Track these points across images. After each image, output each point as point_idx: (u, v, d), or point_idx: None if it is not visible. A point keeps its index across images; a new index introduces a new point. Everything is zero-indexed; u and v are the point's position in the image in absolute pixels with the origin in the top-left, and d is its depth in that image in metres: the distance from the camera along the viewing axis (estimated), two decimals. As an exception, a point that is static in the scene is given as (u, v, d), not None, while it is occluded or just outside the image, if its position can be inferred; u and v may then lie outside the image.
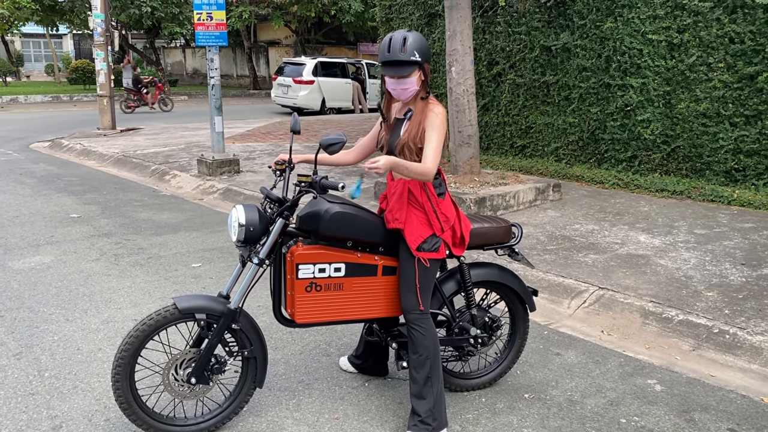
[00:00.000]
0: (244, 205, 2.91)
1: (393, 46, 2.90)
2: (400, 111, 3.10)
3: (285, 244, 3.02)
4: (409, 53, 2.88)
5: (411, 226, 3.02)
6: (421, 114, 2.97)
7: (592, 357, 3.98)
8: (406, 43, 2.88)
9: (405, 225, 3.02)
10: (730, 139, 7.44)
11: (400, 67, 2.91)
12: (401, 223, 3.02)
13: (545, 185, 7.38)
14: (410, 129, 2.97)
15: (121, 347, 2.82)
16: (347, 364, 3.70)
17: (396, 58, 2.89)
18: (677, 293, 4.70)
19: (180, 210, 7.77)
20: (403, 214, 3.02)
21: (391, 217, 3.05)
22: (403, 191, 3.04)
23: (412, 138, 2.95)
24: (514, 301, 3.48)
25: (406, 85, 2.94)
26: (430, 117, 2.95)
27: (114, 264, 5.60)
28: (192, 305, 2.87)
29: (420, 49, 2.91)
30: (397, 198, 3.05)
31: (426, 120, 2.96)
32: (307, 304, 2.98)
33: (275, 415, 3.24)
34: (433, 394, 3.00)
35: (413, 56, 2.88)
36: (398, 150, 2.99)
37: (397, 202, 3.04)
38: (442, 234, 3.04)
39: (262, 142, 12.88)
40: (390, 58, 2.90)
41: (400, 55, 2.88)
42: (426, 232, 3.01)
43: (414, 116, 2.99)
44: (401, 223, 3.02)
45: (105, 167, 10.88)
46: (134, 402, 2.87)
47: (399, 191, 3.05)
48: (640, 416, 3.29)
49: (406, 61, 2.89)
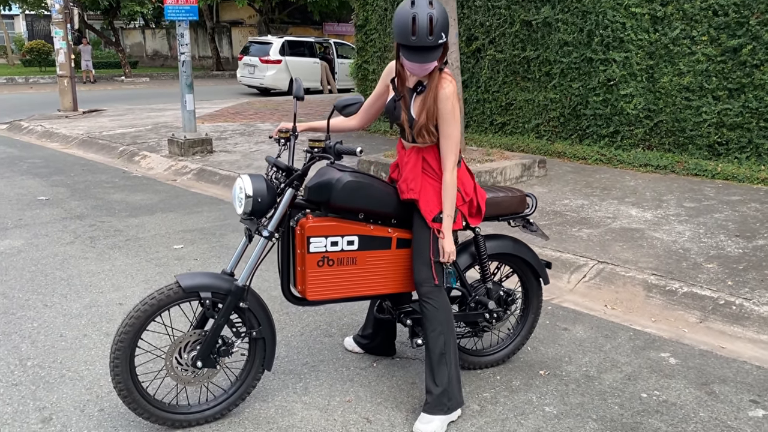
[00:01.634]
0: (250, 175, 2.69)
1: (419, 30, 2.52)
2: (411, 81, 2.86)
3: (293, 217, 2.81)
4: (437, 36, 2.56)
5: (426, 196, 2.84)
6: (435, 91, 2.72)
7: (601, 331, 3.88)
8: (434, 24, 2.54)
9: (420, 195, 2.84)
10: (713, 112, 7.42)
11: (426, 53, 2.60)
12: (416, 193, 2.84)
13: (531, 161, 7.27)
14: (426, 110, 2.72)
15: (120, 329, 2.59)
16: (353, 344, 3.52)
17: (422, 44, 2.56)
18: (677, 266, 4.63)
19: (153, 191, 7.46)
20: (417, 184, 2.84)
21: (405, 187, 2.86)
22: (417, 160, 2.86)
23: (430, 117, 2.73)
24: (527, 274, 3.33)
25: (429, 66, 2.68)
26: (442, 102, 2.70)
27: (90, 247, 5.30)
28: (196, 283, 2.65)
29: (445, 26, 2.60)
30: (411, 167, 2.86)
31: (438, 101, 2.71)
32: (319, 280, 2.79)
33: (283, 399, 3.05)
34: (448, 371, 2.84)
35: (441, 38, 2.59)
36: (416, 133, 2.78)
37: (411, 172, 2.85)
38: (462, 204, 2.87)
39: (233, 122, 12.53)
40: (416, 43, 2.56)
41: (427, 41, 2.55)
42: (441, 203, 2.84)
43: (427, 93, 2.73)
44: (416, 194, 2.84)
45: (69, 149, 10.44)
46: (134, 389, 2.65)
47: (413, 160, 2.86)
48: (660, 390, 3.19)
49: (433, 46, 2.59)
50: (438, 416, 2.80)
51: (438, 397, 2.81)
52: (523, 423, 2.89)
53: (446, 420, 2.82)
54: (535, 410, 2.99)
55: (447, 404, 2.83)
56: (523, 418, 2.93)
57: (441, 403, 2.82)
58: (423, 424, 2.77)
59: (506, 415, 2.95)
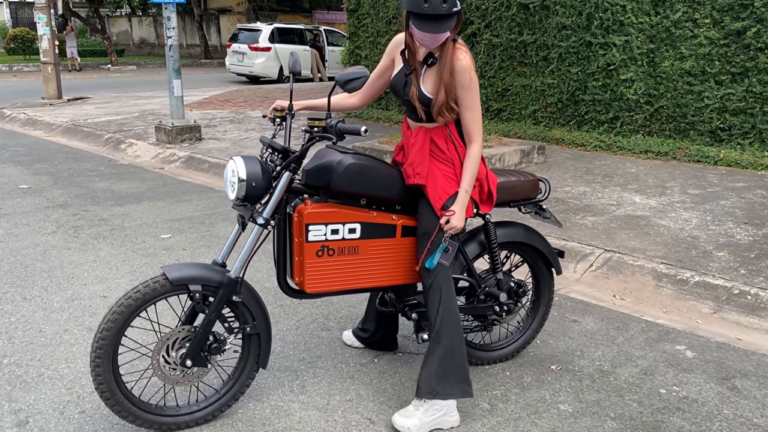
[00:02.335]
0: (243, 157, 2.47)
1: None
2: (419, 53, 2.64)
3: (290, 202, 2.60)
4: (451, 4, 2.36)
5: (435, 181, 2.62)
6: (450, 63, 2.50)
7: (611, 323, 3.70)
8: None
9: (428, 180, 2.63)
10: (716, 97, 7.24)
11: (440, 22, 2.38)
12: (423, 178, 2.62)
13: (530, 147, 7.07)
14: (444, 85, 2.50)
15: (102, 325, 2.37)
16: (352, 338, 3.32)
17: (436, 12, 2.35)
18: (687, 254, 4.45)
19: (140, 179, 7.20)
20: (425, 168, 2.63)
21: (411, 172, 2.65)
22: (424, 142, 2.64)
23: (449, 92, 2.52)
24: (539, 263, 3.14)
25: (441, 37, 2.46)
26: (460, 74, 2.49)
27: (73, 237, 5.06)
28: (185, 275, 2.43)
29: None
30: (417, 149, 2.64)
31: (455, 73, 2.50)
32: (319, 271, 2.57)
33: (279, 398, 2.84)
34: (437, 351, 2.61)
35: (455, 6, 2.38)
36: (436, 113, 2.56)
37: (418, 155, 2.64)
38: (473, 190, 2.66)
39: (222, 110, 12.25)
40: (428, 11, 2.35)
41: (441, 8, 2.34)
42: (452, 188, 2.63)
43: (443, 66, 2.51)
44: (423, 178, 2.62)
45: (53, 137, 10.13)
46: (118, 390, 2.43)
47: (420, 142, 2.65)
48: (680, 385, 3.01)
49: (447, 14, 2.37)
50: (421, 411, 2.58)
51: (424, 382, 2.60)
52: (537, 423, 2.70)
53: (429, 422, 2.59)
54: (549, 408, 2.80)
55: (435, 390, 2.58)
56: (537, 417, 2.73)
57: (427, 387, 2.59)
58: (401, 416, 2.60)
59: (519, 414, 2.76)
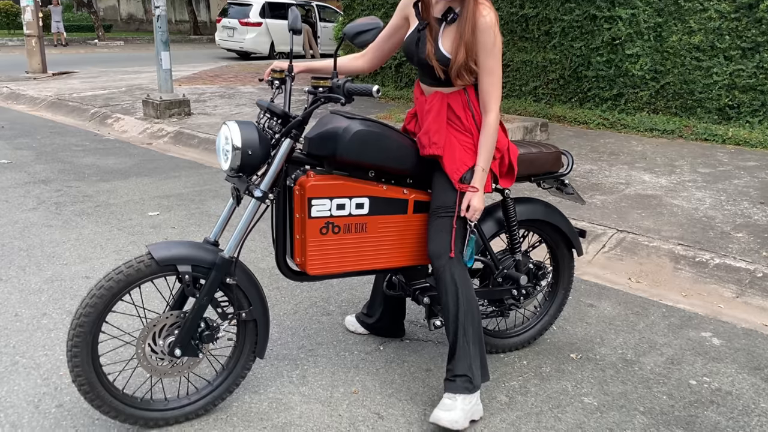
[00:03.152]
0: (238, 122, 2.19)
1: None
2: (437, 9, 2.36)
3: (290, 174, 2.33)
4: None
5: (452, 152, 2.36)
6: (473, 19, 2.22)
7: (630, 308, 3.47)
8: None
9: (444, 151, 2.36)
10: (725, 73, 7.00)
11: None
12: (440, 148, 2.36)
13: (533, 124, 6.81)
14: (464, 43, 2.23)
15: (79, 311, 2.10)
16: (355, 324, 3.07)
17: None
18: (704, 235, 4.23)
19: (127, 155, 6.89)
20: (442, 137, 2.36)
21: (426, 141, 2.38)
22: (441, 108, 2.37)
23: (470, 52, 2.24)
24: (559, 244, 2.89)
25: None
26: (483, 33, 2.22)
27: (55, 214, 4.77)
28: (173, 254, 2.17)
29: None
30: (433, 117, 2.37)
31: (478, 32, 2.23)
32: (323, 251, 2.32)
33: (277, 390, 2.59)
34: (467, 348, 2.39)
35: None
36: (455, 75, 2.29)
37: (434, 122, 2.37)
38: (492, 161, 2.40)
39: (212, 85, 11.88)
40: None
41: None
42: (470, 159, 2.37)
43: (464, 22, 2.23)
44: (440, 149, 2.36)
45: (37, 111, 9.77)
46: (98, 382, 2.17)
47: (436, 108, 2.38)
48: (710, 376, 2.79)
49: None
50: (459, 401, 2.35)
51: (461, 380, 2.37)
52: (561, 417, 2.47)
53: (469, 411, 2.38)
54: (572, 401, 2.57)
55: (471, 383, 2.38)
56: (560, 411, 2.50)
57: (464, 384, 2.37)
58: (443, 411, 2.33)
59: (540, 407, 2.53)
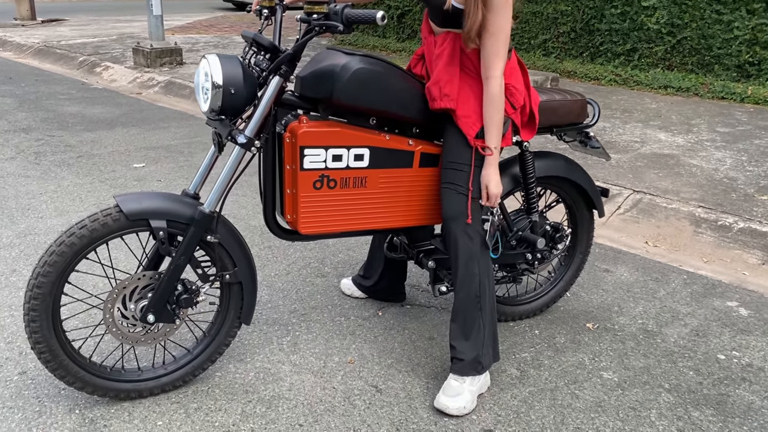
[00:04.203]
0: (219, 56, 1.89)
1: None
2: None
3: (280, 119, 2.04)
4: None
5: (467, 103, 2.05)
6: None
7: (649, 274, 3.22)
8: None
9: (458, 103, 2.05)
10: (746, 28, 6.62)
11: None
12: (453, 100, 2.05)
13: (543, 78, 6.48)
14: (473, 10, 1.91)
15: (36, 270, 1.84)
16: (352, 287, 2.82)
17: None
18: (726, 197, 3.96)
19: (115, 104, 6.55)
20: (455, 88, 2.05)
21: (437, 93, 2.07)
22: (454, 53, 2.05)
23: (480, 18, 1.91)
24: (579, 203, 2.62)
25: None
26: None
27: (34, 164, 4.47)
28: (144, 207, 1.89)
29: None
30: (445, 63, 2.05)
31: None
32: (316, 207, 2.04)
33: (266, 359, 2.35)
34: (482, 328, 2.14)
35: None
36: (467, 39, 1.96)
37: (446, 70, 2.05)
38: (513, 113, 2.11)
39: (206, 34, 11.44)
40: None
41: None
42: None
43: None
44: (453, 101, 2.05)
45: (23, 58, 9.37)
46: (60, 350, 1.92)
47: (447, 52, 2.05)
48: (740, 350, 2.55)
49: None
50: (468, 383, 2.12)
51: (470, 361, 2.13)
52: (579, 394, 2.23)
53: (477, 391, 2.15)
54: (590, 376, 2.33)
55: (480, 364, 2.15)
56: (578, 388, 2.27)
57: (473, 366, 2.14)
58: (450, 397, 2.09)
59: (555, 382, 2.29)
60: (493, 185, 2.05)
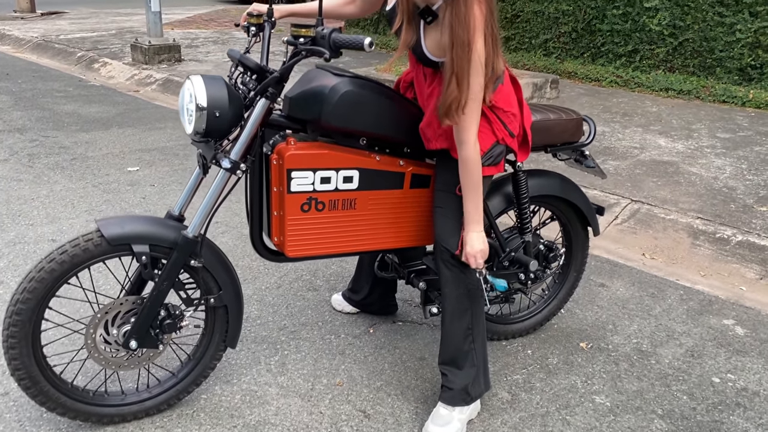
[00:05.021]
0: (204, 77, 1.84)
1: None
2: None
3: (267, 140, 1.99)
4: None
5: None
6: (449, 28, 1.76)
7: (645, 289, 3.18)
8: None
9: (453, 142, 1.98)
10: (749, 31, 6.55)
11: None
12: (448, 139, 1.97)
13: (543, 81, 6.41)
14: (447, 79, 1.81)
15: (15, 296, 1.81)
16: (342, 302, 2.78)
17: None
18: (725, 208, 3.91)
19: (111, 103, 6.50)
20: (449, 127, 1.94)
21: (431, 133, 1.99)
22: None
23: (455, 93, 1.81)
24: (574, 222, 2.58)
25: None
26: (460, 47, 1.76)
27: (27, 166, 4.43)
28: (126, 232, 1.85)
29: None
30: (436, 104, 1.93)
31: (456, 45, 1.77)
32: (304, 230, 2.00)
33: (252, 380, 2.32)
34: (473, 357, 2.10)
35: None
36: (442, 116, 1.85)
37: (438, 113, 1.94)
38: (511, 139, 2.04)
39: (205, 29, 11.36)
40: None
41: None
42: (487, 141, 1.98)
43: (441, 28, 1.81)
44: (448, 140, 1.97)
45: (21, 53, 9.31)
46: (41, 376, 1.89)
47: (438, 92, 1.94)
48: (735, 372, 2.51)
49: None
50: (457, 411, 2.09)
51: (460, 391, 2.09)
52: (570, 420, 2.19)
53: (466, 418, 2.12)
54: (582, 401, 2.30)
55: (469, 395, 2.11)
56: (569, 413, 2.23)
57: (462, 396, 2.10)
58: (438, 426, 2.06)
59: (546, 407, 2.25)
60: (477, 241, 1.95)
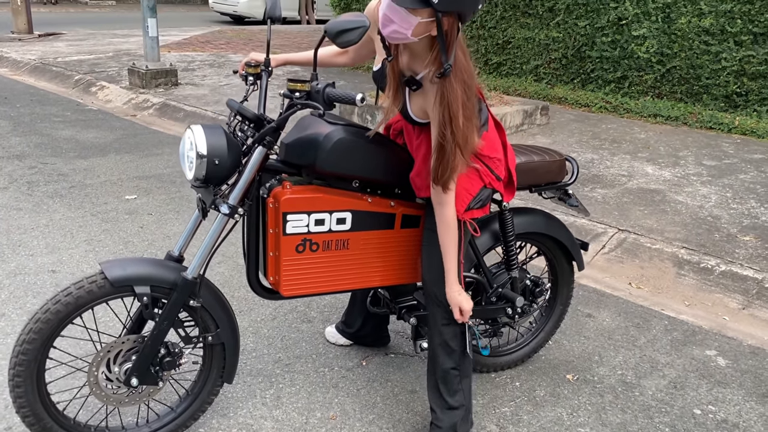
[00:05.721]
0: (204, 126, 1.94)
1: None
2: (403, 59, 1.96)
3: (264, 184, 2.09)
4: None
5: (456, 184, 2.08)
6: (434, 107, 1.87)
7: (631, 319, 3.27)
8: None
9: None
10: (734, 59, 6.71)
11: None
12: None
13: (533, 108, 6.54)
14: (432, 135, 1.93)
15: (22, 337, 1.88)
16: (336, 335, 2.86)
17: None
18: (709, 237, 4.02)
19: (109, 128, 6.59)
20: None
21: (421, 183, 2.10)
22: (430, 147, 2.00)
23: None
24: (559, 257, 2.67)
25: (396, 25, 1.75)
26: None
27: (27, 194, 4.51)
28: (128, 274, 1.94)
29: None
30: (424, 156, 2.05)
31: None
32: (299, 270, 2.09)
33: (248, 413, 2.39)
34: (462, 397, 2.19)
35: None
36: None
37: (427, 163, 2.03)
38: (497, 183, 2.15)
39: (202, 52, 11.50)
40: None
41: None
42: (475, 186, 2.08)
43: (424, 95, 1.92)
44: None
45: (19, 76, 9.40)
46: (45, 413, 1.96)
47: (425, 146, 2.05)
48: (716, 404, 2.60)
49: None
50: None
51: (447, 429, 2.18)
52: (555, 453, 2.27)
53: None
54: (567, 433, 2.38)
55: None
56: (554, 446, 2.31)
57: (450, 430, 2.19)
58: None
59: (532, 440, 2.34)
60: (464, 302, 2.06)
